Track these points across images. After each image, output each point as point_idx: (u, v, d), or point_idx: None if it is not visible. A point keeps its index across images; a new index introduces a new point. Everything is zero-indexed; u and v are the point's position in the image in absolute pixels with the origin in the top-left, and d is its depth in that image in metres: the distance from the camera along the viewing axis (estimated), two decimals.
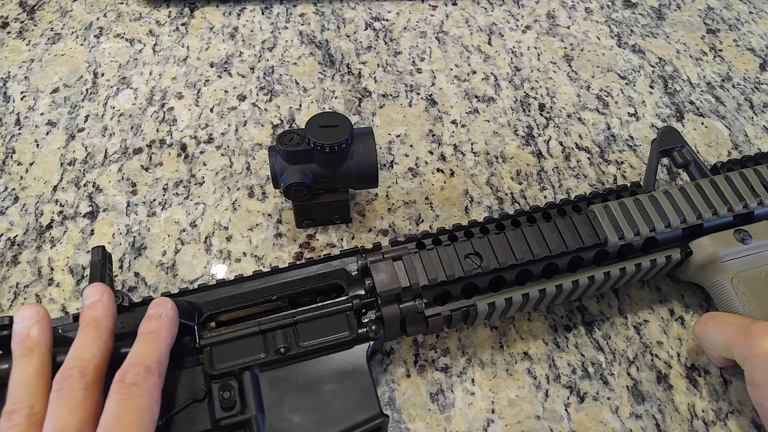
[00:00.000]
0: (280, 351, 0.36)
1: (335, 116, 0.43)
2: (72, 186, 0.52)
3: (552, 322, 0.44)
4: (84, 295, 0.35)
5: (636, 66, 0.61)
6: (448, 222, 0.49)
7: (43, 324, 0.34)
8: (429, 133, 0.55)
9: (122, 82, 0.60)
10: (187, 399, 0.35)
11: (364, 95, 0.59)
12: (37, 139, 0.55)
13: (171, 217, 0.50)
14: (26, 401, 0.31)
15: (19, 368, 0.32)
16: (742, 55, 0.63)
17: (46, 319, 0.34)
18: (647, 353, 0.43)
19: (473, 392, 0.41)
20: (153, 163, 0.53)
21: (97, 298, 0.35)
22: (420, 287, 0.38)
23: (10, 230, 0.49)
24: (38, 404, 0.31)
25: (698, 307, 0.45)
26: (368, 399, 0.36)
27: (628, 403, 0.40)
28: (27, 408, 0.31)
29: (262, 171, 0.53)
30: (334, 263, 0.40)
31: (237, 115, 0.57)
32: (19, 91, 0.59)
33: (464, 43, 0.63)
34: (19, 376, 0.32)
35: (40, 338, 0.33)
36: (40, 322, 0.34)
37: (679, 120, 0.57)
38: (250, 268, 0.46)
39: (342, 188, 0.45)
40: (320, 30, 0.65)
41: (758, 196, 0.42)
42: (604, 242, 0.40)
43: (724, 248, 0.41)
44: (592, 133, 0.55)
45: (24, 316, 0.34)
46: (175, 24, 0.65)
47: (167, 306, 0.35)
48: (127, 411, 0.30)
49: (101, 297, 0.35)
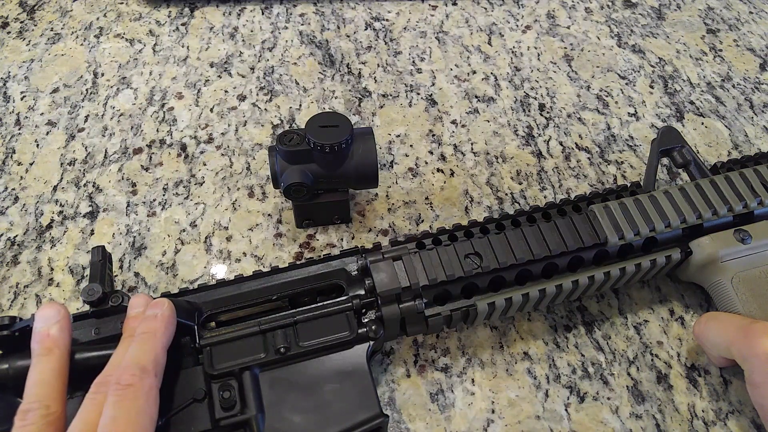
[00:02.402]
0: (280, 351, 0.36)
1: (335, 116, 0.43)
2: (72, 186, 0.52)
3: (552, 322, 0.44)
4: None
5: (636, 66, 0.61)
6: (448, 222, 0.49)
7: (63, 324, 0.34)
8: (429, 133, 0.55)
9: (122, 82, 0.60)
10: (187, 399, 0.35)
11: (364, 95, 0.59)
12: (37, 139, 0.55)
13: (171, 217, 0.50)
14: (43, 401, 0.31)
15: (37, 367, 0.32)
16: (742, 55, 0.63)
17: (67, 318, 0.34)
18: (647, 353, 0.43)
19: (473, 392, 0.41)
20: (153, 163, 0.53)
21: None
22: (420, 287, 0.38)
23: (10, 230, 0.49)
24: (54, 404, 0.31)
25: (698, 307, 0.45)
26: (368, 399, 0.36)
27: (628, 403, 0.40)
28: (43, 408, 0.31)
29: (262, 171, 0.53)
30: (334, 263, 0.40)
31: (237, 115, 0.57)
32: (19, 91, 0.59)
33: (464, 43, 0.63)
34: (37, 375, 0.32)
35: (60, 338, 0.33)
36: (60, 322, 0.34)
37: (679, 120, 0.57)
38: (250, 268, 0.46)
39: (342, 188, 0.45)
40: (320, 30, 0.65)
41: (758, 196, 0.42)
42: (604, 242, 0.40)
43: (724, 248, 0.41)
44: (592, 133, 0.55)
45: (44, 315, 0.34)
46: (175, 24, 0.65)
47: (163, 306, 0.35)
48: (124, 412, 0.30)
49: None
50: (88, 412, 0.31)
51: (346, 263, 0.40)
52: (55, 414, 0.31)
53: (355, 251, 0.41)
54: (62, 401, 0.32)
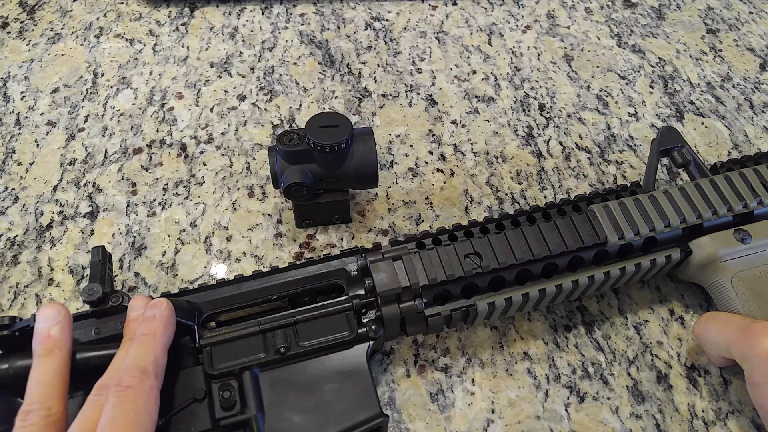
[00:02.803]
0: (280, 351, 0.36)
1: (335, 116, 0.43)
2: (72, 186, 0.52)
3: (552, 322, 0.44)
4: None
5: (636, 66, 0.61)
6: (448, 222, 0.49)
7: (64, 324, 0.34)
8: (429, 133, 0.55)
9: (122, 82, 0.60)
10: (187, 399, 0.35)
11: (364, 95, 0.59)
12: (37, 139, 0.55)
13: (171, 217, 0.50)
14: (44, 402, 0.31)
15: (38, 368, 0.32)
16: (742, 55, 0.63)
17: (68, 319, 0.34)
18: (647, 353, 0.43)
19: (473, 392, 0.41)
20: (153, 163, 0.53)
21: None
22: (420, 287, 0.38)
23: (10, 230, 0.49)
24: (56, 405, 0.31)
25: (698, 307, 0.45)
26: (368, 399, 0.36)
27: (628, 403, 0.40)
28: (44, 409, 0.31)
29: (262, 171, 0.53)
30: (334, 263, 0.40)
31: (237, 115, 0.57)
32: (19, 91, 0.59)
33: (464, 43, 0.63)
34: (39, 376, 0.32)
35: (61, 339, 0.33)
36: (61, 323, 0.34)
37: (679, 120, 0.57)
38: (250, 268, 0.46)
39: (342, 188, 0.45)
40: (320, 30, 0.65)
41: (758, 196, 0.42)
42: (604, 242, 0.40)
43: (724, 248, 0.41)
44: (592, 133, 0.55)
45: (45, 316, 0.34)
46: (175, 24, 0.65)
47: (162, 307, 0.35)
48: (124, 413, 0.30)
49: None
50: (88, 413, 0.31)
51: (346, 263, 0.40)
52: (56, 415, 0.31)
53: (355, 251, 0.41)
54: (63, 402, 0.32)
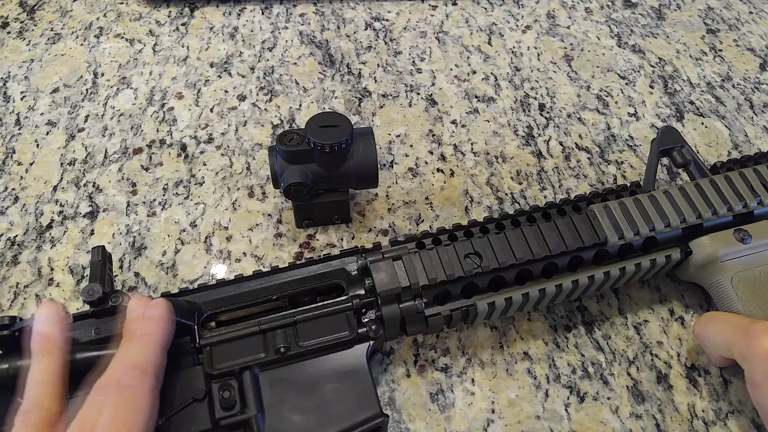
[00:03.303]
0: (280, 351, 0.36)
1: (335, 116, 0.43)
2: (72, 186, 0.52)
3: (552, 322, 0.44)
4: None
5: (636, 66, 0.61)
6: (448, 222, 0.49)
7: (63, 324, 0.34)
8: (429, 133, 0.55)
9: (122, 82, 0.60)
10: (187, 399, 0.35)
11: (364, 95, 0.59)
12: (37, 139, 0.55)
13: (171, 217, 0.50)
14: (43, 402, 0.31)
15: (37, 368, 0.32)
16: (742, 55, 0.63)
17: (66, 318, 0.34)
18: (647, 353, 0.43)
19: (473, 392, 0.41)
20: (153, 163, 0.53)
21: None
22: (420, 287, 0.38)
23: (10, 230, 0.49)
24: (54, 405, 0.31)
25: (698, 307, 0.45)
26: (368, 399, 0.36)
27: (628, 403, 0.40)
28: (43, 409, 0.31)
29: (262, 171, 0.53)
30: (334, 263, 0.40)
31: (237, 115, 0.57)
32: (19, 91, 0.59)
33: (464, 43, 0.63)
34: (37, 376, 0.32)
35: (59, 338, 0.33)
36: (59, 323, 0.34)
37: (679, 120, 0.57)
38: (250, 268, 0.46)
39: (342, 188, 0.45)
40: (320, 30, 0.65)
41: (758, 196, 0.42)
42: (603, 242, 0.40)
43: (724, 248, 0.41)
44: (592, 133, 0.55)
45: (43, 315, 0.34)
46: (175, 24, 0.65)
47: (161, 307, 0.35)
48: (122, 413, 0.30)
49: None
50: (87, 413, 0.31)
51: (346, 263, 0.40)
52: (55, 415, 0.31)
53: (355, 251, 0.41)
54: (62, 402, 0.32)
